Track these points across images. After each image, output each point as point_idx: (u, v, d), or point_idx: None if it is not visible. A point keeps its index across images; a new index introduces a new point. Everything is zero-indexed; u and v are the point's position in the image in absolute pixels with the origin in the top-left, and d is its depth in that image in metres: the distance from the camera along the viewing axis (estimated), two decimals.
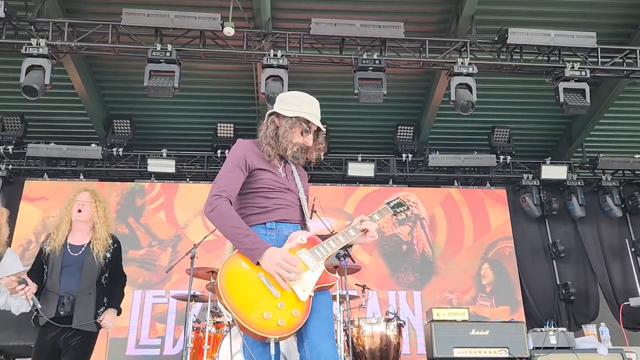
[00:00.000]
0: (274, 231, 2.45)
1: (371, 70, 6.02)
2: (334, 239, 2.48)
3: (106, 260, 3.49)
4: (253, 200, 2.50)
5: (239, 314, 2.15)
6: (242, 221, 2.37)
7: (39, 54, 5.65)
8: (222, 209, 2.34)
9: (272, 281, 2.25)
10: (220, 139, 7.80)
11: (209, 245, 6.90)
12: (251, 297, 2.21)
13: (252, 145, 2.58)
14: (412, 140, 8.04)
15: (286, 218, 2.50)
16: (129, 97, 7.69)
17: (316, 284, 2.33)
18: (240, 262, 2.31)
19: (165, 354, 6.83)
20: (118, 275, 3.66)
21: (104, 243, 3.49)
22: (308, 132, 2.57)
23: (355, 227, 2.54)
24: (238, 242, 2.32)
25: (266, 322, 2.16)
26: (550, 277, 8.11)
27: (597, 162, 8.06)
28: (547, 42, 6.16)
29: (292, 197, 2.57)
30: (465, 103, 5.92)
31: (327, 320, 2.36)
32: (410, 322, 7.14)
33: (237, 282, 2.25)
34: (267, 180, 2.50)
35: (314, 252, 2.40)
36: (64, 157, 7.62)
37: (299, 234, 2.46)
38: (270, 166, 2.54)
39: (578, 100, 6.08)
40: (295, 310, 2.23)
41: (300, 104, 2.59)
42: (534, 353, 5.00)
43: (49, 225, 7.32)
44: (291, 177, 2.62)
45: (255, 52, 6.16)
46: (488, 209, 8.12)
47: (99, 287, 3.44)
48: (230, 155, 2.53)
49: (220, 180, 2.43)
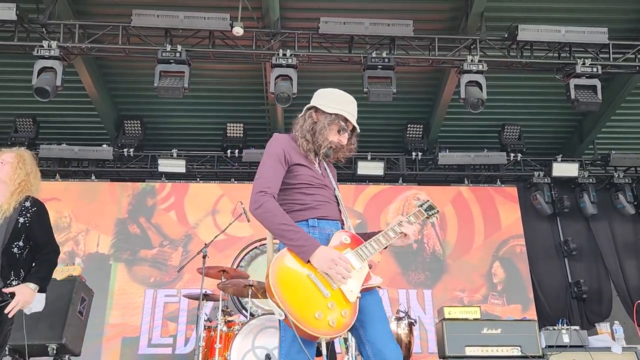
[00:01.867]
0: (317, 229, 2.41)
1: (380, 68, 6.00)
2: (375, 239, 2.44)
3: (18, 226, 2.98)
4: (292, 196, 2.46)
5: (292, 313, 2.13)
6: (290, 218, 2.32)
7: (50, 56, 5.70)
8: (269, 206, 2.30)
9: (322, 280, 2.23)
10: (230, 138, 7.83)
11: (219, 244, 6.97)
12: (303, 296, 2.19)
13: (289, 140, 2.54)
14: (421, 139, 8.02)
15: (326, 215, 2.46)
16: (140, 98, 7.74)
17: (362, 285, 2.31)
18: (289, 260, 2.27)
19: (177, 352, 6.87)
20: (40, 245, 3.10)
21: (15, 205, 3.00)
22: (344, 131, 2.55)
23: (395, 230, 2.48)
24: (288, 239, 2.27)
25: (318, 322, 2.15)
26: (562, 275, 8.05)
27: (609, 159, 7.99)
28: (558, 38, 6.11)
29: (329, 193, 2.54)
30: (475, 101, 5.89)
31: (384, 321, 2.36)
32: (421, 321, 7.13)
33: (289, 280, 2.21)
34: (306, 176, 2.47)
35: (358, 252, 2.37)
36: (75, 157, 7.69)
37: (342, 233, 2.43)
38: (308, 162, 2.51)
39: (589, 97, 6.03)
40: (345, 311, 2.21)
41: (340, 102, 2.56)
42: (546, 352, 4.96)
43: (61, 226, 7.41)
44: (325, 174, 2.59)
45: (264, 52, 6.17)
46: (499, 207, 8.08)
47: (7, 255, 2.94)
48: (269, 150, 2.48)
49: (264, 176, 2.39)
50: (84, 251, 7.37)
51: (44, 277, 3.05)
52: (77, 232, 7.48)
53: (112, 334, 6.92)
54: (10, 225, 2.95)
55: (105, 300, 7.00)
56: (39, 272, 3.05)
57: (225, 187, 7.90)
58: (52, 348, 4.37)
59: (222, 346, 4.77)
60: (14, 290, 2.91)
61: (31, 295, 2.96)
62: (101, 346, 6.80)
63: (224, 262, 6.88)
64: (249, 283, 4.99)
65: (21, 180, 3.09)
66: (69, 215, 7.55)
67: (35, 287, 2.98)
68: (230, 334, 4.86)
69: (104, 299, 6.97)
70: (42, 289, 3.03)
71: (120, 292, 7.17)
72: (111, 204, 7.69)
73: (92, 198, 7.69)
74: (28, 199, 3.08)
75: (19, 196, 3.04)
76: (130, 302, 7.12)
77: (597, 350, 5.03)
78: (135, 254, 7.43)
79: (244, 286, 5.02)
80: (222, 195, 7.80)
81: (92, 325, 5.43)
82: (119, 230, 7.55)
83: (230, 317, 5.33)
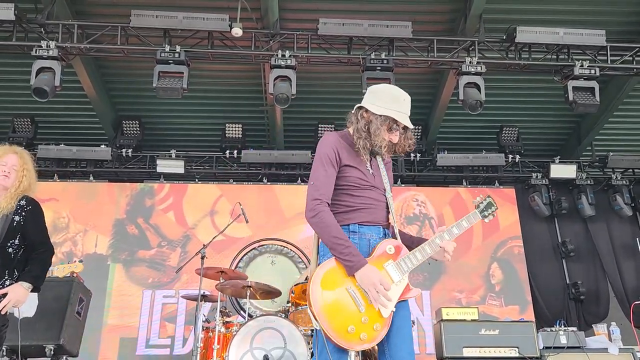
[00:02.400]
0: (357, 234, 2.44)
1: (379, 70, 6.01)
2: (420, 249, 2.47)
3: (14, 224, 2.99)
4: (339, 197, 2.47)
5: (325, 324, 2.22)
6: (342, 231, 2.36)
7: (49, 56, 5.70)
8: (324, 217, 2.35)
9: (360, 294, 2.29)
10: (229, 139, 7.83)
11: (218, 245, 6.96)
12: (338, 308, 2.27)
13: (340, 139, 2.53)
14: (420, 140, 8.03)
15: (370, 220, 2.48)
16: (138, 98, 7.74)
17: (399, 299, 2.37)
18: (332, 273, 2.33)
19: (175, 353, 6.87)
20: (34, 244, 3.09)
21: (11, 204, 3.00)
22: (395, 130, 2.50)
23: (435, 242, 2.49)
24: (338, 252, 2.32)
25: (349, 336, 2.24)
26: (559, 276, 8.07)
27: (606, 161, 8.01)
28: (556, 40, 6.13)
29: (378, 194, 2.54)
30: (473, 102, 5.90)
31: (408, 337, 2.40)
32: (419, 322, 7.14)
33: (327, 292, 2.29)
34: (354, 178, 2.48)
35: (399, 264, 2.41)
36: (73, 158, 7.67)
37: (387, 243, 2.46)
38: (358, 162, 2.51)
39: (587, 99, 6.05)
40: (377, 325, 2.29)
41: (389, 101, 2.51)
42: (544, 352, 4.98)
43: (59, 226, 7.40)
44: (377, 173, 2.58)
45: (263, 53, 6.18)
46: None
47: (2, 255, 2.93)
48: (321, 150, 2.48)
49: (319, 183, 2.41)
50: (82, 251, 7.35)
51: (37, 275, 3.03)
52: (75, 233, 7.47)
53: (110, 334, 6.90)
54: (6, 224, 2.95)
55: (103, 300, 6.99)
56: (33, 271, 3.02)
57: (224, 187, 7.89)
58: (50, 349, 4.36)
59: (220, 347, 4.76)
60: (7, 290, 2.89)
61: (24, 294, 2.93)
62: (99, 347, 6.79)
63: (223, 263, 6.87)
64: (247, 284, 4.99)
65: (24, 187, 3.11)
66: (67, 215, 7.54)
67: (29, 286, 2.96)
68: (228, 334, 4.86)
69: (102, 299, 6.96)
70: (36, 288, 3.01)
71: (118, 293, 7.16)
72: (109, 204, 7.68)
73: (90, 198, 7.68)
74: (24, 198, 3.09)
75: (16, 196, 3.06)
76: (128, 303, 7.11)
77: (594, 352, 5.05)
78: (133, 255, 7.42)
79: (243, 287, 5.02)
80: (221, 196, 7.80)
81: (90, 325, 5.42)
82: (117, 231, 7.54)
83: (229, 318, 5.33)
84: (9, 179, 3.07)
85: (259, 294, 5.08)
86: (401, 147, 2.58)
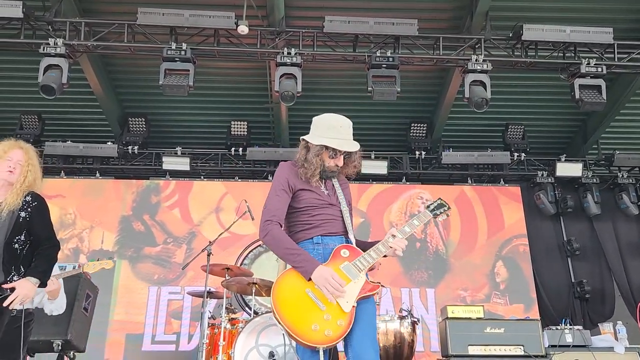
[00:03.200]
0: (321, 245, 2.67)
1: (385, 67, 6.01)
2: (375, 249, 2.67)
3: (20, 220, 2.98)
4: (298, 218, 2.73)
5: (289, 327, 2.40)
6: (293, 242, 2.61)
7: (56, 54, 5.74)
8: (274, 233, 2.58)
9: (318, 295, 2.48)
10: (234, 136, 7.84)
11: (224, 242, 6.98)
12: (300, 310, 2.46)
13: (293, 167, 2.78)
14: (425, 138, 8.02)
15: (330, 232, 2.71)
16: (144, 96, 7.76)
17: (358, 295, 2.53)
18: (290, 279, 2.54)
19: (180, 349, 6.90)
20: (40, 239, 3.08)
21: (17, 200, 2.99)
22: (335, 157, 2.74)
23: (388, 242, 2.69)
24: (292, 261, 2.55)
25: (314, 334, 2.40)
26: (565, 275, 8.05)
27: (613, 159, 7.97)
28: (563, 38, 6.11)
29: (335, 210, 2.77)
30: (479, 100, 5.89)
31: (370, 328, 2.55)
32: (424, 320, 7.14)
33: (288, 297, 2.49)
34: (309, 199, 2.72)
35: (355, 264, 2.60)
36: (80, 155, 7.71)
37: (341, 247, 2.67)
38: (310, 185, 2.73)
39: (594, 97, 6.03)
40: (340, 321, 2.45)
41: (325, 130, 2.74)
42: (549, 351, 4.97)
43: (66, 223, 7.45)
44: (332, 192, 2.82)
45: (269, 50, 6.19)
46: (502, 207, 8.08)
47: (9, 251, 2.93)
48: (275, 180, 2.75)
49: (270, 205, 2.66)
50: (88, 248, 7.40)
51: (44, 271, 3.05)
52: (81, 229, 7.51)
53: (116, 330, 6.94)
54: (12, 220, 2.95)
55: (109, 297, 7.03)
56: (39, 266, 3.03)
57: (229, 185, 7.92)
58: (58, 344, 4.39)
59: (226, 343, 4.79)
60: (15, 285, 2.89)
61: (32, 289, 2.93)
62: (105, 343, 6.83)
63: (228, 260, 6.88)
64: (252, 281, 5.01)
65: (29, 183, 3.10)
66: (74, 212, 7.59)
67: (37, 281, 2.97)
68: (234, 331, 4.88)
69: (108, 295, 7.00)
70: (42, 284, 3.02)
71: (124, 289, 7.20)
72: (115, 201, 7.72)
73: (96, 195, 7.72)
74: (29, 194, 3.08)
75: (22, 192, 3.05)
76: (134, 299, 7.15)
77: (600, 350, 5.04)
78: (139, 251, 7.45)
79: (248, 284, 5.04)
80: (226, 193, 7.82)
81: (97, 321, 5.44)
82: (123, 228, 7.58)
83: (234, 315, 5.35)
84: (14, 175, 3.06)
85: (265, 290, 5.10)
86: (350, 169, 2.84)
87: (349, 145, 2.75)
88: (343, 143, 2.74)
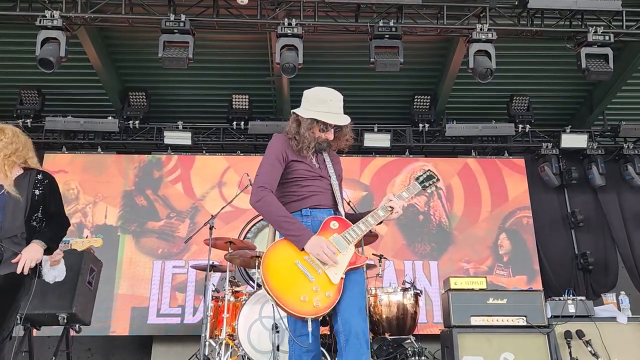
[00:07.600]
0: (310, 217, 2.69)
1: (387, 38, 5.90)
2: (364, 221, 2.68)
3: (35, 198, 3.07)
4: (289, 189, 2.74)
5: (279, 298, 2.44)
6: (286, 211, 2.61)
7: (53, 26, 5.63)
8: (268, 199, 2.59)
9: (307, 267, 2.51)
10: (236, 110, 7.75)
11: (226, 216, 7.01)
12: (289, 282, 2.48)
13: (286, 139, 2.79)
14: (428, 110, 7.93)
15: (320, 204, 2.74)
16: (144, 69, 7.67)
17: (347, 266, 2.57)
18: (279, 251, 2.56)
19: (185, 322, 6.98)
20: (52, 216, 3.17)
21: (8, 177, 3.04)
22: (326, 130, 2.77)
23: (384, 207, 2.72)
24: (285, 229, 2.56)
25: (303, 305, 2.44)
26: (568, 246, 8.05)
27: (618, 130, 7.88)
28: (569, 5, 5.95)
29: (325, 183, 2.80)
30: (484, 71, 5.80)
31: (358, 297, 2.56)
32: (426, 292, 7.19)
33: (277, 268, 2.51)
34: (301, 171, 2.74)
35: (344, 236, 2.62)
36: (81, 130, 7.66)
37: (331, 219, 2.69)
38: (302, 157, 2.76)
39: (601, 66, 5.91)
40: (329, 292, 2.49)
41: (316, 104, 2.76)
42: (552, 321, 4.99)
43: (69, 198, 7.45)
44: (323, 165, 2.84)
45: (269, 21, 6.07)
46: (506, 179, 8.04)
47: (29, 229, 3.02)
48: (269, 149, 2.76)
49: (263, 173, 2.68)
50: (92, 223, 7.42)
51: (51, 237, 3.07)
52: (85, 204, 7.53)
53: (121, 304, 7.02)
54: (28, 198, 3.04)
55: (114, 271, 7.09)
56: (48, 232, 3.08)
57: (231, 159, 7.89)
58: (63, 317, 4.44)
59: (230, 316, 4.83)
60: (27, 248, 2.92)
61: (38, 251, 2.95)
62: (111, 316, 6.92)
63: (231, 234, 6.90)
64: (255, 254, 5.02)
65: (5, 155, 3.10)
66: (77, 187, 7.59)
67: (43, 244, 2.98)
68: (237, 304, 4.92)
69: (113, 269, 7.06)
70: (48, 249, 3.03)
71: (128, 263, 7.25)
72: (118, 176, 7.71)
73: (99, 170, 7.71)
74: (40, 173, 3.19)
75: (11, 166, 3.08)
76: (139, 273, 7.21)
77: (602, 320, 5.05)
78: (142, 226, 7.48)
79: (251, 257, 5.06)
80: (228, 167, 7.80)
81: (102, 296, 5.50)
82: (126, 202, 7.59)
83: (238, 288, 5.39)
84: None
85: None
86: (338, 143, 2.87)
87: (339, 119, 2.77)
88: (333, 117, 2.76)
